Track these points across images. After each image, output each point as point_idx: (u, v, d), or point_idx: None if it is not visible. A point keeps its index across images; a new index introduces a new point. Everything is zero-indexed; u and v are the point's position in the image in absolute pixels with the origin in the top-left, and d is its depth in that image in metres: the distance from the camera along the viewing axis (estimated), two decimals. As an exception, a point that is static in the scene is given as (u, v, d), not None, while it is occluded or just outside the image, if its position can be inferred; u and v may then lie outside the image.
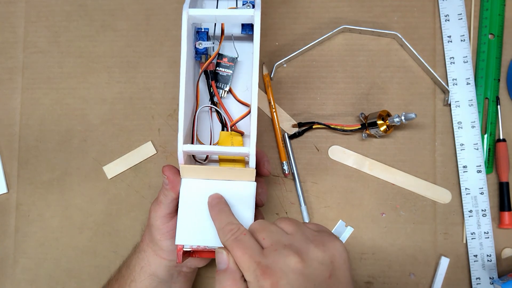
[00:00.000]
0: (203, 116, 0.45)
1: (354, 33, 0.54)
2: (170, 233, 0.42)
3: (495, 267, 0.51)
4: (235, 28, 0.46)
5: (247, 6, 0.44)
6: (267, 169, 0.42)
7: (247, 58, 0.46)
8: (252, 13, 0.39)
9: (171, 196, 0.40)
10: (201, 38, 0.44)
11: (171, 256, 0.43)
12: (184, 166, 0.39)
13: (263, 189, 0.43)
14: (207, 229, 0.39)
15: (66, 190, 0.55)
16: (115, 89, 0.56)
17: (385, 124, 0.50)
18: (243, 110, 0.45)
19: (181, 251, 0.39)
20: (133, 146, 0.55)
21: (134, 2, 0.56)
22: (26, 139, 0.56)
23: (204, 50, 0.44)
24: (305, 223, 0.37)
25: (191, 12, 0.39)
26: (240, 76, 0.46)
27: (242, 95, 0.46)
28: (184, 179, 0.40)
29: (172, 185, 0.39)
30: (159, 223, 0.41)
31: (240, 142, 0.43)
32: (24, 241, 0.55)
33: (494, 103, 0.53)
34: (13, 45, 0.57)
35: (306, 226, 0.36)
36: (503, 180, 0.52)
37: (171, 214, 0.41)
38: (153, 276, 0.44)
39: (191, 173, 0.39)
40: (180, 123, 0.39)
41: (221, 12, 0.40)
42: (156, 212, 0.41)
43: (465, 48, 0.53)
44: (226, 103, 0.45)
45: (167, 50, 0.56)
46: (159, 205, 0.41)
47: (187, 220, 0.39)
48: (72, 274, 0.55)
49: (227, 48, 0.46)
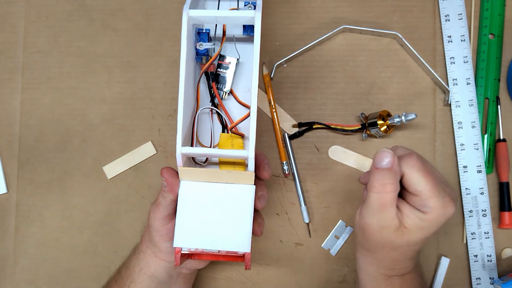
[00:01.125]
0: (203, 117, 0.45)
1: (354, 33, 0.54)
2: (169, 235, 0.42)
3: (495, 267, 0.51)
4: (237, 29, 0.46)
5: (249, 7, 0.44)
6: (267, 172, 0.42)
7: (249, 59, 0.46)
8: (253, 14, 0.38)
9: (170, 198, 0.40)
10: (202, 39, 0.43)
11: (170, 258, 0.43)
12: (183, 169, 0.38)
13: (263, 192, 0.42)
14: (206, 232, 0.39)
15: (66, 190, 0.55)
16: (115, 89, 0.56)
17: (385, 124, 0.50)
18: (244, 111, 0.45)
19: (179, 254, 0.39)
20: (133, 146, 0.55)
21: (134, 2, 0.56)
22: (26, 139, 0.56)
23: (205, 51, 0.43)
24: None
25: (191, 13, 0.39)
26: (241, 77, 0.46)
27: (243, 96, 0.45)
28: (183, 181, 0.40)
29: (171, 188, 0.39)
30: (158, 225, 0.41)
31: (241, 144, 0.43)
32: (24, 241, 0.55)
33: (494, 103, 0.53)
34: (13, 45, 0.57)
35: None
36: (503, 180, 0.52)
37: (170, 216, 0.41)
38: (152, 277, 0.44)
39: (189, 175, 0.39)
40: (179, 125, 0.38)
41: (222, 13, 0.39)
42: (155, 213, 0.41)
43: (465, 48, 0.53)
44: (227, 105, 0.45)
45: (167, 50, 0.56)
46: (158, 207, 0.41)
47: (186, 223, 0.39)
48: (72, 274, 0.55)
49: (228, 49, 0.46)
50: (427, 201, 0.37)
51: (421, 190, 0.37)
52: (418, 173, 0.37)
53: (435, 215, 0.37)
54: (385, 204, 0.37)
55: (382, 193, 0.37)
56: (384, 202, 0.37)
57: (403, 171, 0.38)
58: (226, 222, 0.39)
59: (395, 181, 0.37)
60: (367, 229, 0.39)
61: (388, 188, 0.37)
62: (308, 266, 0.53)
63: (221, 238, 0.39)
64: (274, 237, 0.54)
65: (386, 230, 0.38)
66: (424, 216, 0.37)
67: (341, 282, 0.53)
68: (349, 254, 0.53)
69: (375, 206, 0.38)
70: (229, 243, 0.39)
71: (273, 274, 0.53)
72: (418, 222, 0.37)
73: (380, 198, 0.37)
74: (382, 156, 0.37)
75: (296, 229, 0.54)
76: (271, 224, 0.53)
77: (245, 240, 0.39)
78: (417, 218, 0.37)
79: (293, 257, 0.53)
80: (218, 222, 0.39)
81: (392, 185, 0.37)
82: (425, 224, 0.37)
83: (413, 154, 0.38)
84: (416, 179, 0.37)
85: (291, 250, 0.54)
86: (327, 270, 0.53)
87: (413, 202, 0.38)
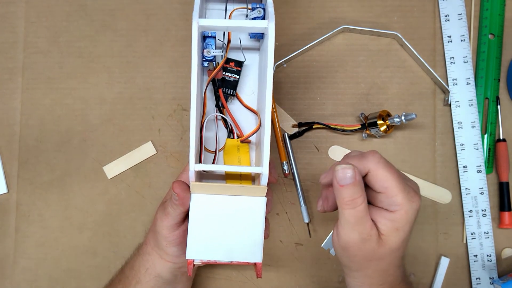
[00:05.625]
0: (208, 121, 0.44)
1: (354, 33, 0.54)
2: (176, 241, 0.42)
3: (495, 267, 0.51)
4: (243, 33, 0.45)
5: (258, 11, 0.42)
6: (273, 177, 0.42)
7: (253, 62, 0.45)
8: (266, 24, 0.37)
9: (180, 210, 0.40)
10: (209, 45, 0.41)
11: (176, 260, 0.43)
12: (195, 184, 0.38)
13: (269, 196, 0.42)
14: (218, 243, 0.39)
15: (66, 190, 0.55)
16: (115, 89, 0.56)
17: (385, 124, 0.50)
18: (249, 114, 0.45)
19: (191, 265, 0.39)
20: (133, 146, 0.55)
21: (134, 2, 0.56)
22: (26, 139, 0.56)
23: (212, 58, 0.42)
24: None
25: (202, 22, 0.37)
26: (246, 80, 0.45)
27: (248, 99, 0.45)
28: (194, 194, 0.39)
29: (182, 202, 0.39)
30: (166, 232, 0.41)
31: (247, 150, 0.43)
32: (24, 241, 0.55)
33: (494, 103, 0.53)
34: (13, 45, 0.57)
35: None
36: (503, 180, 0.52)
37: (178, 224, 0.41)
38: (158, 277, 0.44)
39: (201, 189, 0.39)
40: (192, 142, 0.37)
41: (233, 23, 0.37)
42: (163, 221, 0.41)
43: (465, 48, 0.53)
44: (232, 108, 0.45)
45: (167, 50, 0.56)
46: (167, 216, 0.41)
47: (198, 235, 0.39)
48: (72, 274, 0.55)
49: (233, 51, 0.45)
50: (394, 198, 0.36)
51: (388, 186, 0.37)
52: (383, 169, 0.37)
53: (404, 212, 0.37)
54: (361, 216, 0.37)
55: (355, 207, 0.37)
56: (359, 214, 0.37)
57: (368, 169, 0.37)
58: (237, 234, 0.39)
59: (363, 192, 0.37)
60: (350, 246, 0.38)
61: (358, 201, 0.36)
62: (308, 266, 0.53)
63: (233, 249, 0.39)
64: (274, 237, 0.54)
65: (369, 242, 0.37)
66: (394, 216, 0.37)
67: (341, 282, 0.53)
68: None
69: (352, 221, 0.37)
70: (241, 254, 0.39)
71: (273, 274, 0.53)
72: (391, 225, 0.37)
73: (354, 212, 0.37)
74: (344, 172, 0.37)
75: (296, 229, 0.54)
76: (271, 224, 0.53)
77: (257, 251, 0.39)
78: (389, 221, 0.37)
79: (293, 257, 0.53)
80: (230, 234, 0.39)
81: (361, 197, 0.36)
82: (398, 224, 0.37)
83: (375, 152, 0.38)
84: (383, 175, 0.37)
85: (291, 250, 0.54)
86: (327, 270, 0.53)
87: (380, 203, 0.38)
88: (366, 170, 0.38)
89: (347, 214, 0.37)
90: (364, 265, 0.39)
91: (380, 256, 0.38)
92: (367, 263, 0.39)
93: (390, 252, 0.38)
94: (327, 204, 0.42)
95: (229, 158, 0.43)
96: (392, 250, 0.38)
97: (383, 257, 0.38)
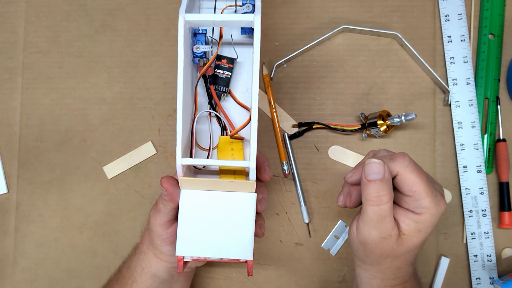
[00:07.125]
0: (202, 119, 0.44)
1: (354, 33, 0.54)
2: (170, 239, 0.42)
3: (495, 267, 0.51)
4: (234, 30, 0.45)
5: (247, 6, 0.42)
6: (268, 175, 0.42)
7: (247, 59, 0.45)
8: (252, 18, 0.37)
9: (170, 206, 0.40)
10: (199, 41, 0.42)
11: (171, 259, 0.43)
12: (184, 179, 0.38)
13: (264, 195, 0.42)
14: (208, 240, 0.39)
15: (66, 190, 0.55)
16: (115, 89, 0.56)
17: (385, 124, 0.50)
18: (243, 112, 0.45)
19: (181, 262, 0.39)
20: (133, 146, 0.55)
21: (134, 2, 0.56)
22: (26, 139, 0.56)
23: (202, 54, 0.42)
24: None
25: (188, 17, 0.37)
26: (239, 77, 0.45)
27: (241, 96, 0.45)
28: (184, 190, 0.39)
29: (171, 197, 0.39)
30: (159, 230, 0.41)
31: (240, 147, 0.43)
32: (24, 241, 0.55)
33: (494, 103, 0.53)
34: (13, 45, 0.57)
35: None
36: (503, 180, 0.52)
37: (170, 221, 0.41)
38: (154, 277, 0.44)
39: (190, 184, 0.39)
40: (178, 136, 0.37)
41: (219, 17, 0.38)
42: (156, 219, 0.41)
43: (465, 48, 0.53)
44: (225, 106, 0.45)
45: (167, 50, 0.56)
46: (159, 213, 0.41)
47: (187, 231, 0.39)
48: (72, 274, 0.55)
49: (225, 48, 0.45)
50: (421, 201, 0.36)
51: (416, 190, 0.36)
52: (412, 173, 0.37)
53: (429, 215, 0.37)
54: (384, 215, 0.37)
55: (379, 205, 0.36)
56: (382, 213, 0.36)
57: (397, 172, 0.37)
58: (227, 230, 0.39)
59: (390, 191, 0.36)
60: (369, 243, 0.38)
61: (384, 199, 0.36)
62: (308, 266, 0.53)
63: (223, 246, 0.39)
64: (274, 237, 0.54)
65: (388, 241, 0.37)
66: (419, 218, 0.37)
67: (341, 282, 0.53)
68: (349, 254, 0.53)
69: (374, 219, 0.37)
70: (231, 251, 0.39)
71: (273, 274, 0.54)
72: (415, 226, 0.37)
73: (378, 210, 0.36)
74: (373, 167, 0.36)
75: (296, 229, 0.54)
76: (271, 224, 0.54)
77: (247, 248, 0.39)
78: (413, 222, 0.37)
79: (293, 257, 0.53)
80: (220, 230, 0.39)
81: (387, 195, 0.36)
82: (421, 226, 0.37)
83: (405, 154, 0.38)
84: (412, 179, 0.37)
85: (291, 250, 0.54)
86: (327, 270, 0.53)
87: (406, 204, 0.38)
88: (394, 173, 0.37)
89: (370, 211, 0.37)
90: (379, 261, 0.39)
91: (397, 255, 0.38)
92: (383, 260, 0.39)
93: (407, 251, 0.38)
94: (350, 200, 0.42)
95: (223, 155, 0.43)
96: (410, 249, 0.38)
97: (399, 255, 0.39)
